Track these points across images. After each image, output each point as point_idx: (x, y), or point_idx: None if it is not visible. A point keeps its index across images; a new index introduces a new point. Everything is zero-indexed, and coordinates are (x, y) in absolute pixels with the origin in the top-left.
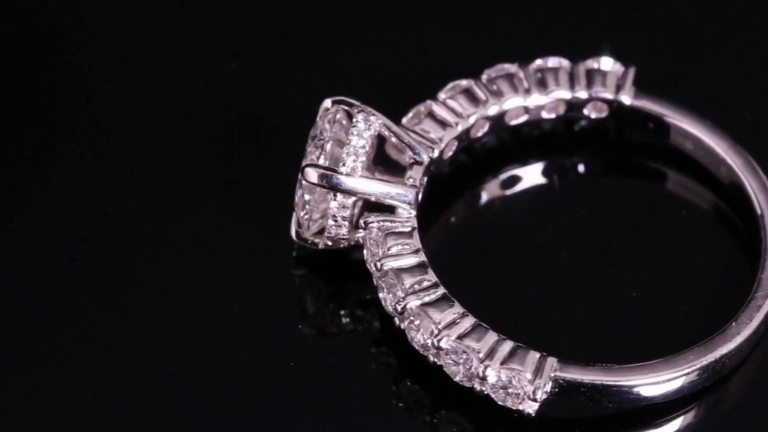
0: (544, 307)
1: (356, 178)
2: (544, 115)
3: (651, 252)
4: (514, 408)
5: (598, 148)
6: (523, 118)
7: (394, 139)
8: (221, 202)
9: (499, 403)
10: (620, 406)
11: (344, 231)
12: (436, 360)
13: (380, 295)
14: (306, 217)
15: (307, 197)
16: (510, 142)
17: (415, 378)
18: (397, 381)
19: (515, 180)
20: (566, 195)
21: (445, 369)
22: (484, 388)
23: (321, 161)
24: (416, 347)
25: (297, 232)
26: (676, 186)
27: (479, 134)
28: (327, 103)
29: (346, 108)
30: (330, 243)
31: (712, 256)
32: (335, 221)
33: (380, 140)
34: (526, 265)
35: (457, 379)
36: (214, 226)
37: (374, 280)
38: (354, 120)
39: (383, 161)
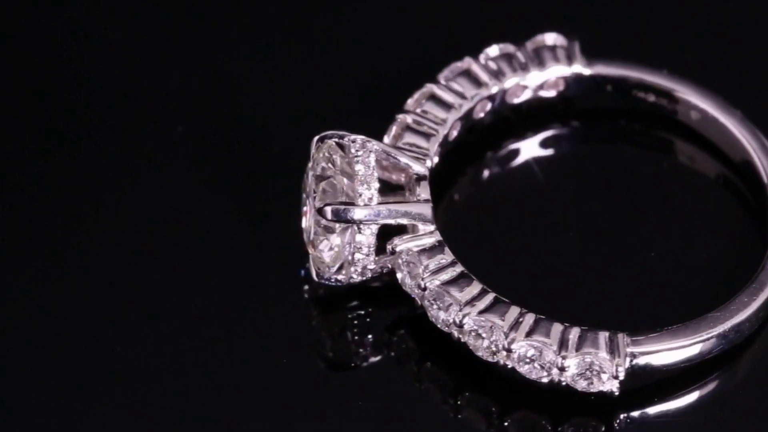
0: (561, 283)
1: (376, 207)
2: (509, 100)
3: (653, 220)
4: (594, 391)
5: (565, 122)
6: (488, 108)
7: (391, 160)
8: (224, 246)
9: (579, 389)
10: (691, 362)
11: (372, 260)
12: (507, 363)
13: (431, 313)
14: (331, 254)
15: (329, 236)
16: (476, 136)
17: (471, 388)
18: (455, 395)
19: (495, 172)
20: (551, 174)
21: (518, 369)
22: (563, 379)
23: (334, 198)
24: (483, 355)
25: (317, 273)
26: (650, 140)
27: (455, 134)
28: (316, 139)
29: (337, 140)
30: (355, 276)
31: (713, 215)
32: (363, 254)
33: None
34: (533, 248)
35: (532, 376)
36: (220, 274)
37: (418, 300)
38: (353, 150)
39: None
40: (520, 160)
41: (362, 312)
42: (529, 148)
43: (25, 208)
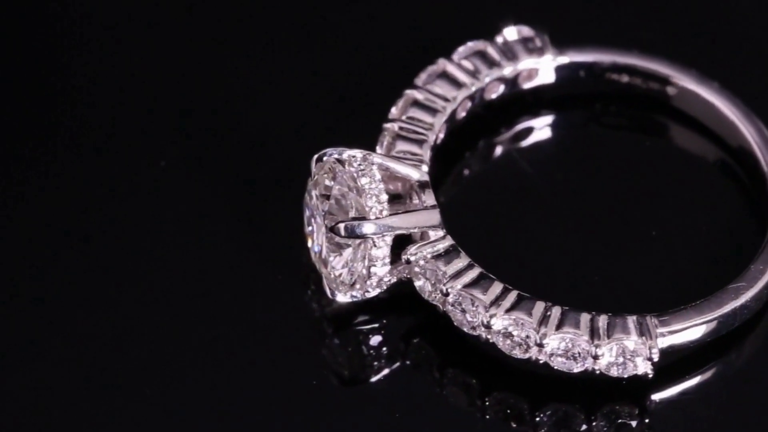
0: (567, 273)
1: (388, 219)
2: (486, 97)
3: (644, 201)
4: (627, 377)
5: (538, 113)
6: (469, 107)
7: (390, 170)
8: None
9: (614, 376)
10: (716, 336)
11: (387, 271)
12: (540, 358)
13: (456, 318)
14: (345, 271)
15: (341, 252)
16: (452, 137)
17: (496, 387)
18: (481, 396)
19: (480, 170)
20: (537, 166)
21: (551, 363)
22: (596, 367)
23: (343, 215)
24: (515, 353)
25: (332, 291)
26: (627, 122)
27: (442, 137)
28: (315, 158)
29: (337, 156)
30: (371, 290)
31: (702, 189)
32: (379, 266)
33: None
34: (535, 242)
35: (564, 368)
36: (228, 297)
37: (440, 307)
38: (355, 164)
39: None
40: (502, 156)
41: (375, 324)
42: (509, 143)
43: (27, 208)
